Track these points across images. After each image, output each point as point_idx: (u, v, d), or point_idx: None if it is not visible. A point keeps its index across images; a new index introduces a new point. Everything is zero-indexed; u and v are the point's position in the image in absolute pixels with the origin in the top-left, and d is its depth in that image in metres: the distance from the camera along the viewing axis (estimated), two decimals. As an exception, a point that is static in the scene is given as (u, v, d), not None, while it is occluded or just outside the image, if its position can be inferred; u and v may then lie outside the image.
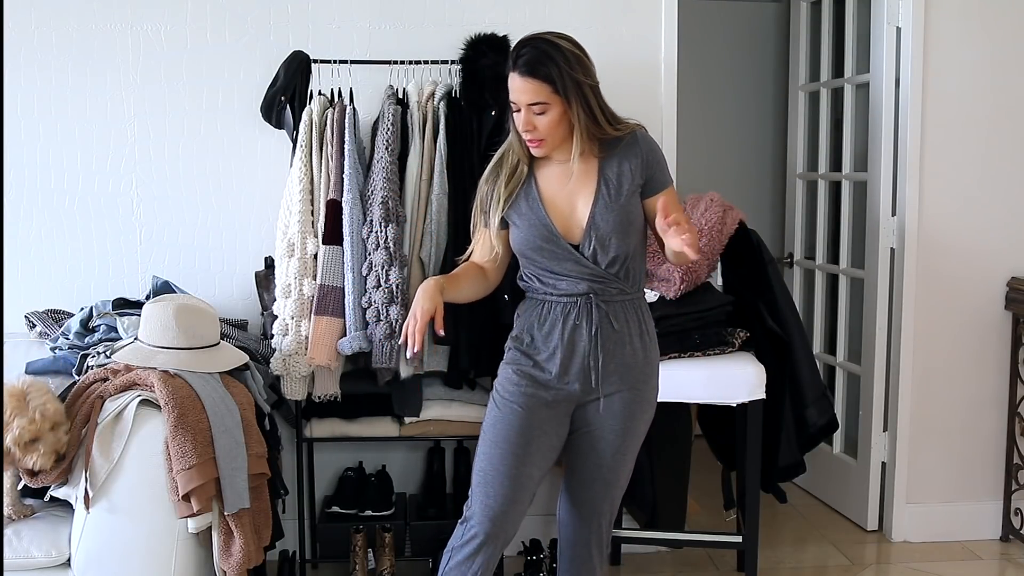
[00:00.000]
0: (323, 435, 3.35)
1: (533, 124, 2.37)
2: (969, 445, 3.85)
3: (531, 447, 2.47)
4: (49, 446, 2.53)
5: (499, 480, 2.46)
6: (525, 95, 2.35)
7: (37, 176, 3.46)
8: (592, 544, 2.61)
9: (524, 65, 2.34)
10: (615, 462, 2.54)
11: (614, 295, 2.47)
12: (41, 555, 2.62)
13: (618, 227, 2.43)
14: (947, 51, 3.69)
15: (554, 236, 2.44)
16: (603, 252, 2.43)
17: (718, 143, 5.18)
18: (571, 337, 2.46)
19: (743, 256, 3.39)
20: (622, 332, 2.48)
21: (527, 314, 2.53)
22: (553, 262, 2.45)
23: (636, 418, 2.54)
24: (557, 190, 2.47)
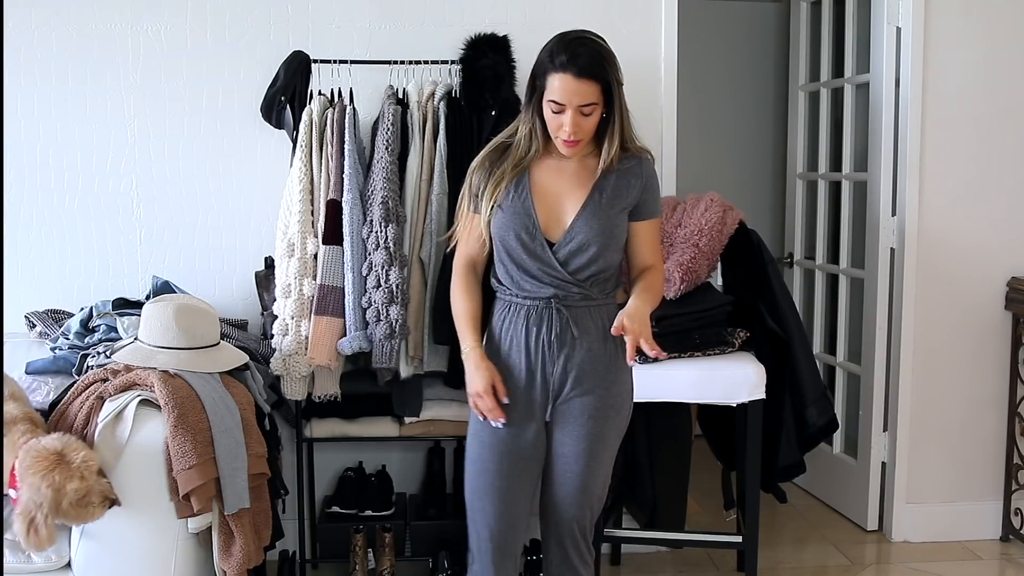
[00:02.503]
0: (323, 435, 3.35)
1: (579, 125, 2.34)
2: (969, 445, 3.85)
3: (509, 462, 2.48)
4: (99, 496, 2.45)
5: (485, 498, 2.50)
6: (579, 96, 2.30)
7: (37, 176, 3.46)
8: (570, 551, 2.56)
9: (583, 66, 2.29)
10: (587, 469, 2.50)
11: (578, 300, 2.44)
12: (40, 560, 2.61)
13: (600, 236, 2.41)
14: (947, 51, 3.69)
15: (534, 228, 2.41)
16: (577, 257, 2.41)
17: (718, 143, 5.18)
18: (533, 344, 2.44)
19: (743, 256, 3.39)
20: (583, 338, 2.45)
21: (495, 319, 2.52)
22: (525, 255, 2.42)
23: (603, 424, 2.49)
24: (549, 185, 2.45)
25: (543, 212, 2.43)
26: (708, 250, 3.24)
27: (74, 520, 2.44)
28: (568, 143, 2.38)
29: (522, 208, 2.43)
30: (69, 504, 2.38)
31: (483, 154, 2.53)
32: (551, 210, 2.44)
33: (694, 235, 3.23)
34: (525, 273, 2.44)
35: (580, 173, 2.46)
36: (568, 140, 2.37)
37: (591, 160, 2.47)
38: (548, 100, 2.35)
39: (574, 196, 2.44)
